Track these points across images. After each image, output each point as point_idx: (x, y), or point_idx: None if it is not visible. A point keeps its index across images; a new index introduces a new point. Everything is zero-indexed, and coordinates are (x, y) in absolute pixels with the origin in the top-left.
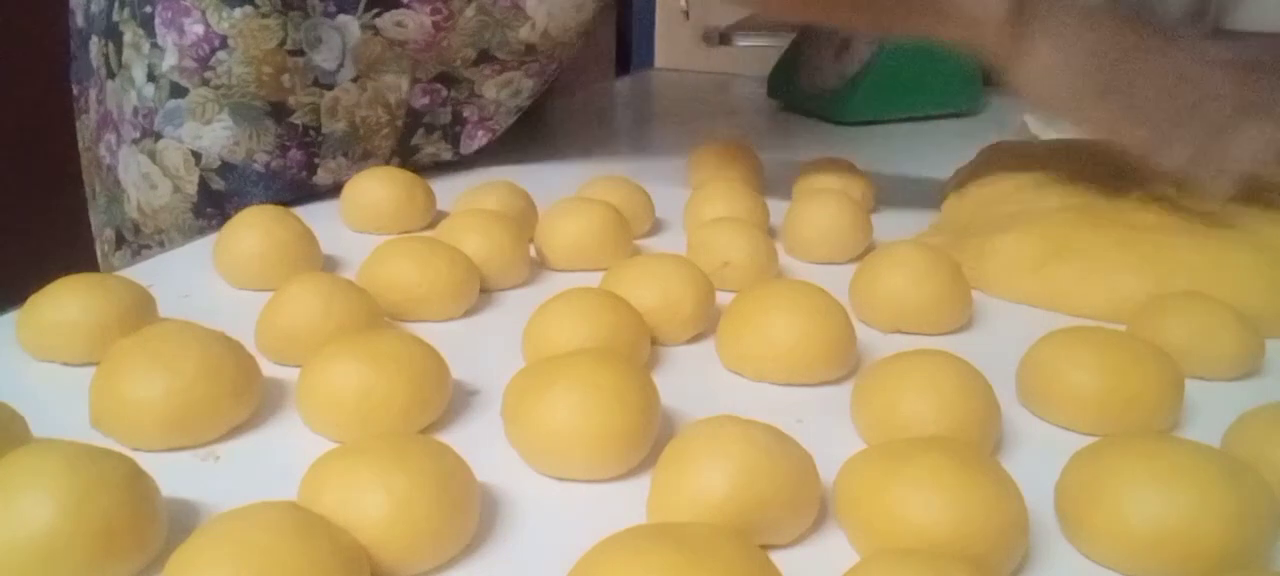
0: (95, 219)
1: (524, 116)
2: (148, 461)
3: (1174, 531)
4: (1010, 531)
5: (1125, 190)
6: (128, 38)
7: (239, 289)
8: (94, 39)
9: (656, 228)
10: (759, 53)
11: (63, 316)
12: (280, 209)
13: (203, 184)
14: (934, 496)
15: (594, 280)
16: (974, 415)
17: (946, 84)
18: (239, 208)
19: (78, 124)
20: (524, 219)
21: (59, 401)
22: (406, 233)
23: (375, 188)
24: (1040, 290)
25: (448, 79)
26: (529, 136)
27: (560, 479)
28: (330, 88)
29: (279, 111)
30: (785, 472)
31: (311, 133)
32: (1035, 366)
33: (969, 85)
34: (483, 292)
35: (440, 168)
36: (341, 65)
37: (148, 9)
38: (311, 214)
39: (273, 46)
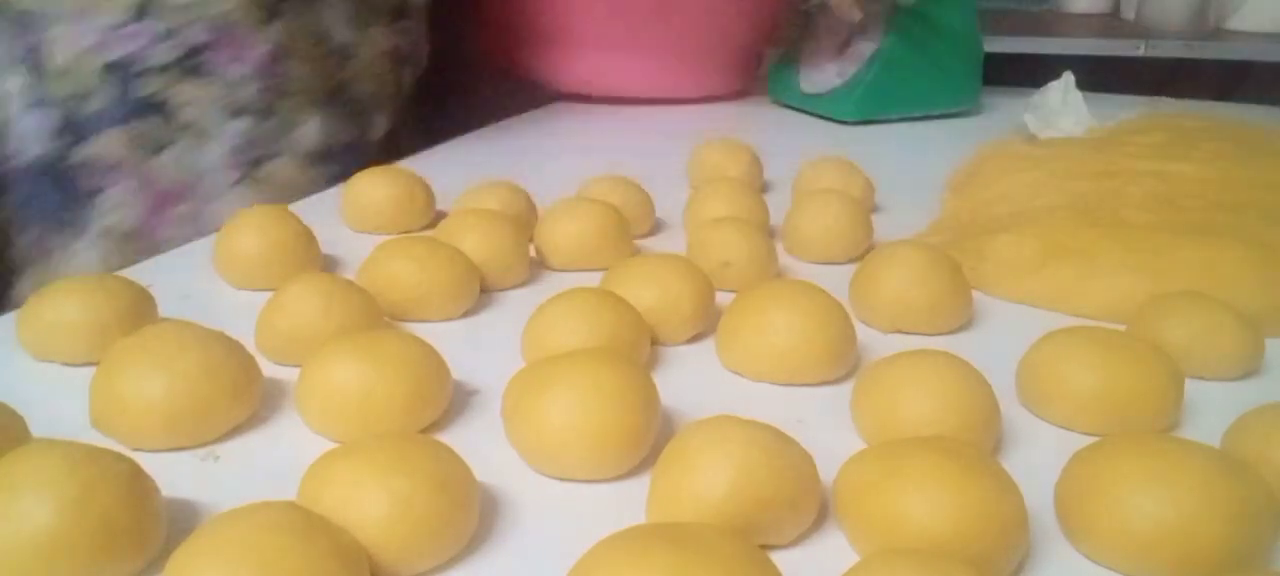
0: None
1: (524, 116)
2: (148, 461)
3: (1174, 531)
4: (1010, 531)
5: (1124, 190)
6: (181, 98)
7: (239, 289)
8: (106, 135)
9: (656, 228)
10: None
11: (63, 316)
12: (280, 208)
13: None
14: (934, 496)
15: (594, 280)
16: (974, 415)
17: (947, 84)
18: None
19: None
20: (524, 219)
21: (59, 401)
22: (406, 232)
23: (375, 187)
24: (1040, 290)
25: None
26: (529, 136)
27: (560, 479)
28: None
29: None
30: (785, 472)
31: None
32: (1035, 366)
33: (969, 85)
34: (483, 293)
35: (440, 167)
36: None
37: (198, 59)
38: (311, 214)
39: None
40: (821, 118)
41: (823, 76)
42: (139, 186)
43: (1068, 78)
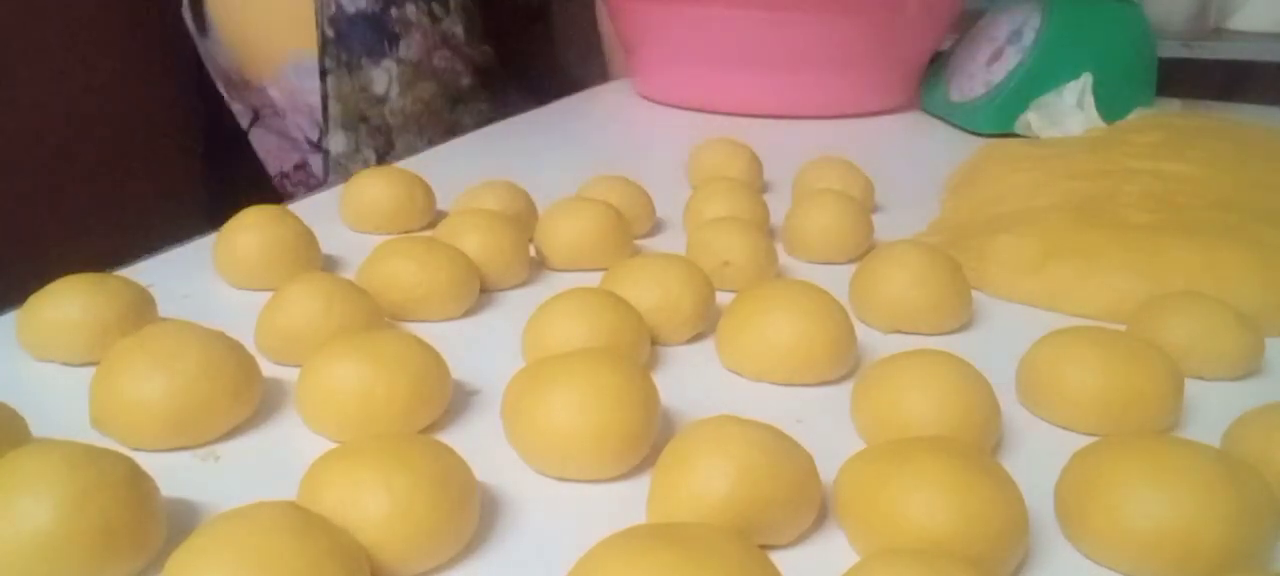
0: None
1: (524, 116)
2: (148, 461)
3: (1174, 531)
4: (1010, 531)
5: (1124, 189)
6: None
7: (239, 289)
8: (410, 3)
9: (656, 228)
10: None
11: (63, 316)
12: (280, 208)
13: None
14: (934, 496)
15: (594, 280)
16: (974, 415)
17: (1103, 95)
18: None
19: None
20: (524, 219)
21: (59, 401)
22: (406, 232)
23: (375, 187)
24: (1040, 290)
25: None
26: (529, 136)
27: (560, 479)
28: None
29: None
30: (785, 472)
31: None
32: (1035, 366)
33: (1132, 97)
34: (483, 292)
35: (440, 168)
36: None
37: None
38: (311, 214)
39: None
40: (964, 128)
41: (971, 84)
42: (423, 36)
43: (1087, 79)
